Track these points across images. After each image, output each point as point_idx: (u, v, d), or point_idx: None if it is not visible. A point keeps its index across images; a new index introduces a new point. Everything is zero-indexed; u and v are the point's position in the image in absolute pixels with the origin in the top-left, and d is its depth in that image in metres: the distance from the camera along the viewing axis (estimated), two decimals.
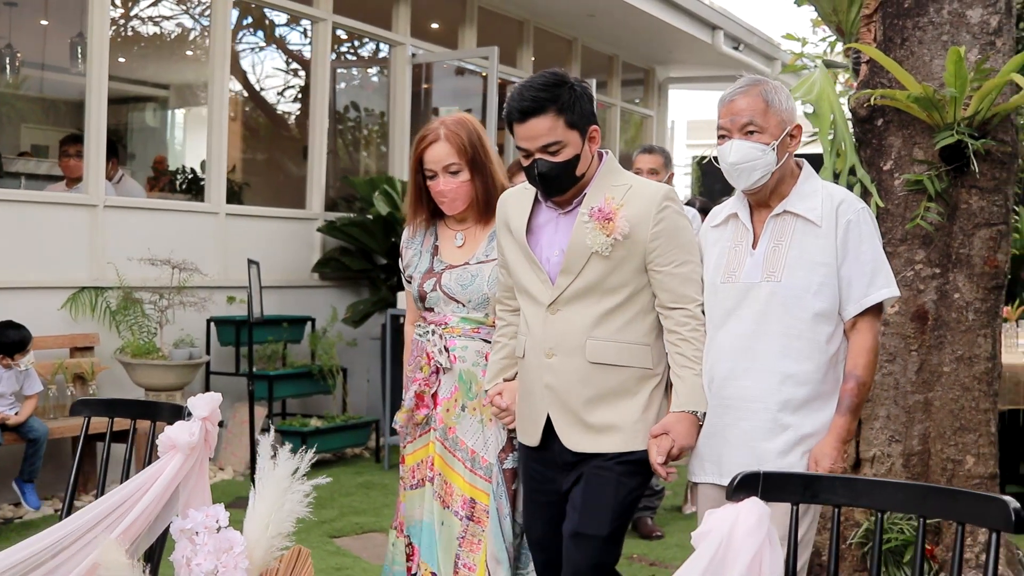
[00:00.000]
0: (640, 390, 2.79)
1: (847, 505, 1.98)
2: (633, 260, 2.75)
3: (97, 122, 6.49)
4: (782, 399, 2.68)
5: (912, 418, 3.95)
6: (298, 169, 10.57)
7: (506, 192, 3.05)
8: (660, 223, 2.74)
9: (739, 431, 2.73)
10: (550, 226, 2.88)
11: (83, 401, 3.03)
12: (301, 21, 9.04)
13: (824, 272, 2.70)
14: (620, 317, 2.77)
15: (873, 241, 2.75)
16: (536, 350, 2.84)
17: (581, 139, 2.78)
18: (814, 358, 2.70)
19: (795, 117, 2.80)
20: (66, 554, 2.52)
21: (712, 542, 1.79)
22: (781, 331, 2.70)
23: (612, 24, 10.51)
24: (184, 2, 10.25)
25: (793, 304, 2.69)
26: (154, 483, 2.67)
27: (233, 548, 2.71)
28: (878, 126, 4.01)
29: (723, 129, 2.79)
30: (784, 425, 2.68)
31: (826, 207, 2.73)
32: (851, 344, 2.74)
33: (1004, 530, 1.68)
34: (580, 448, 2.80)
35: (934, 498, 1.82)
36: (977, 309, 3.91)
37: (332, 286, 8.12)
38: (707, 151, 3.96)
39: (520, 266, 2.88)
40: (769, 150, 2.71)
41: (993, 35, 3.90)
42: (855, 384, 2.70)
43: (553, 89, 2.74)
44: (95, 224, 6.47)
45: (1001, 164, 3.90)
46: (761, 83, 2.79)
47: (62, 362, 5.98)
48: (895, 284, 2.75)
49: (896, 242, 3.96)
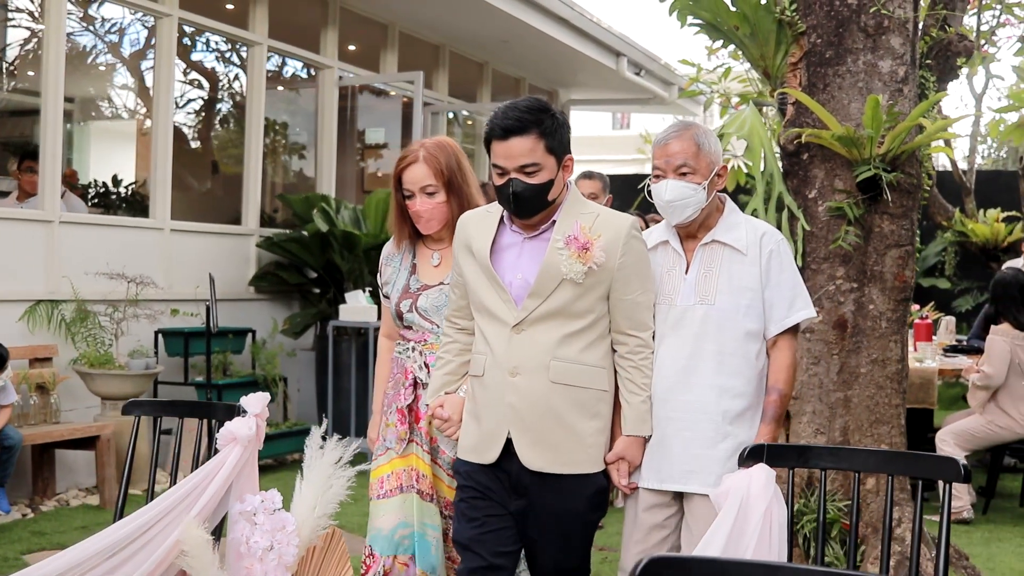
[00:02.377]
0: (598, 412, 2.86)
1: (832, 468, 2.52)
2: (600, 287, 2.83)
3: (53, 140, 6.74)
4: (721, 410, 2.92)
5: (834, 413, 4.56)
6: (201, 184, 10.83)
7: (466, 214, 3.07)
8: (627, 254, 2.84)
9: (682, 440, 2.93)
10: (514, 250, 2.92)
11: (135, 402, 3.39)
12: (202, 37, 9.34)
13: (751, 295, 2.97)
14: (582, 340, 2.83)
15: (792, 268, 3.04)
16: (498, 368, 2.85)
17: (557, 165, 2.85)
18: (745, 372, 2.96)
19: (720, 158, 3.06)
20: (151, 532, 2.89)
21: (735, 498, 2.31)
22: (716, 349, 2.94)
23: (523, 49, 11.06)
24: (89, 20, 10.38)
25: (726, 324, 2.95)
26: (219, 471, 3.06)
27: (286, 527, 3.12)
28: (804, 159, 4.63)
29: (658, 169, 3.02)
30: (724, 434, 2.91)
31: (750, 237, 3.01)
32: (772, 360, 3.00)
33: (956, 481, 2.24)
34: (540, 468, 2.82)
35: (900, 460, 2.38)
36: (889, 318, 4.55)
37: (267, 299, 8.46)
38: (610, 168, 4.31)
39: (482, 287, 2.91)
40: (700, 189, 2.96)
41: (900, 83, 4.55)
42: (777, 396, 2.96)
43: (538, 113, 2.82)
44: (51, 239, 6.71)
45: (908, 193, 4.55)
46: (692, 127, 3.05)
47: (25, 372, 6.20)
48: (812, 307, 3.05)
49: (820, 260, 4.57)
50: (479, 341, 2.94)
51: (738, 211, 3.11)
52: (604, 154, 29.03)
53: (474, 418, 2.93)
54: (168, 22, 7.60)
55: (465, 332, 3.04)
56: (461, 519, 2.95)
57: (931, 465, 2.31)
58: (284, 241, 8.04)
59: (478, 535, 2.89)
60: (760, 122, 4.78)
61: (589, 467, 2.85)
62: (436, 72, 10.84)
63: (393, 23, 9.97)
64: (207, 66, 10.62)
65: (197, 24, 8.06)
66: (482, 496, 2.90)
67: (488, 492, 2.89)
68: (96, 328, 6.68)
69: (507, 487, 2.88)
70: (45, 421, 6.30)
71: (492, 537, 2.89)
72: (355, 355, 7.58)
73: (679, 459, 2.93)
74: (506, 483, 2.88)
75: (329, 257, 7.98)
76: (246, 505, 3.09)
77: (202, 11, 8.00)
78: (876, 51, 4.54)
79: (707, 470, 2.88)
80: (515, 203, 2.82)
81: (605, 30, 11.16)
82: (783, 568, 1.46)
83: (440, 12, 9.58)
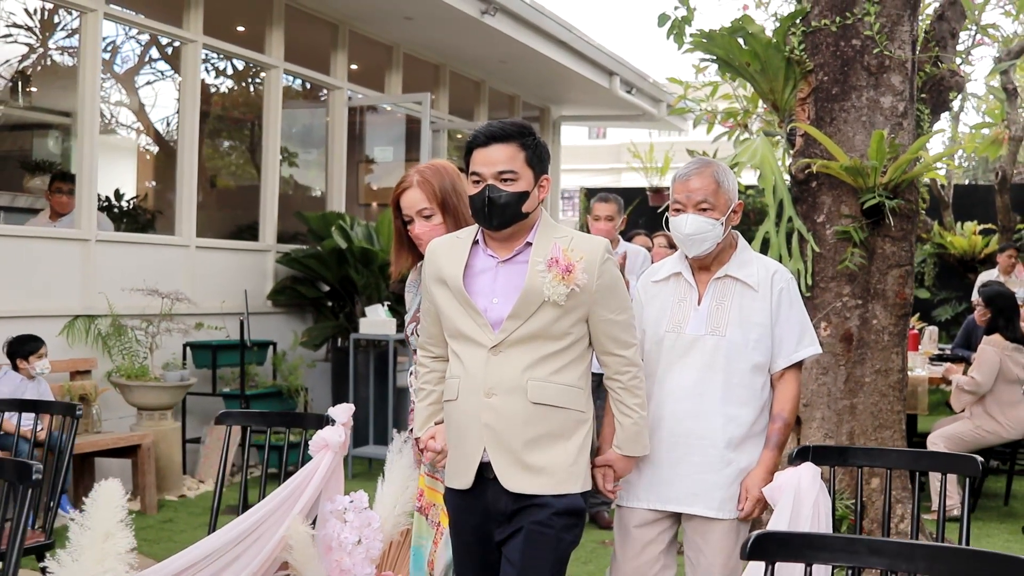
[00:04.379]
0: (575, 433, 2.83)
1: (867, 466, 2.93)
2: (580, 309, 2.81)
3: (89, 162, 7.08)
4: (727, 438, 3.04)
5: (841, 419, 4.99)
6: (204, 198, 11.14)
7: (433, 241, 3.04)
8: (603, 275, 2.81)
9: (689, 464, 3.06)
10: (487, 275, 2.89)
11: (227, 413, 3.76)
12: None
13: (760, 330, 3.08)
14: (559, 360, 2.81)
15: (800, 306, 3.16)
16: (473, 390, 2.82)
17: (534, 181, 2.84)
18: (751, 403, 3.08)
19: (736, 196, 3.17)
20: (261, 529, 3.26)
21: (788, 492, 2.72)
22: (724, 379, 3.06)
23: (519, 68, 11.47)
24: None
25: (735, 356, 3.06)
26: (315, 475, 3.44)
27: (372, 524, 3.50)
28: (812, 187, 5.07)
29: (678, 203, 3.14)
30: (728, 460, 3.04)
31: (762, 275, 3.12)
32: (779, 391, 3.12)
33: (973, 475, 2.66)
34: (517, 488, 2.79)
35: (925, 459, 2.80)
36: (891, 332, 4.99)
37: (283, 312, 8.81)
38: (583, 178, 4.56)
39: (456, 313, 2.87)
40: (718, 224, 3.09)
41: (900, 117, 5.00)
42: (782, 424, 3.08)
43: (521, 128, 2.86)
44: (87, 256, 7.05)
45: (907, 218, 5.00)
46: (712, 165, 3.17)
47: (69, 385, 6.53)
48: (818, 343, 3.19)
49: (828, 279, 5.01)
50: (453, 365, 2.91)
51: (750, 249, 3.26)
52: (580, 164, 29.44)
53: (452, 442, 2.92)
54: (192, 48, 7.95)
55: (440, 360, 3.02)
56: (461, 557, 2.98)
57: (950, 463, 2.73)
58: (303, 257, 8.41)
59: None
60: (771, 151, 5.22)
61: (569, 487, 2.80)
62: (437, 91, 11.24)
63: (398, 45, 10.36)
64: (223, 88, 10.98)
65: (219, 49, 8.42)
66: (474, 541, 2.91)
67: (477, 532, 2.89)
68: (132, 342, 7.01)
69: (489, 520, 2.87)
70: (87, 431, 6.62)
71: (492, 574, 2.91)
72: (374, 366, 7.95)
73: (684, 482, 3.06)
74: (486, 516, 2.86)
75: (345, 272, 8.35)
76: (336, 504, 3.46)
77: (223, 36, 8.36)
78: (878, 88, 4.98)
79: (710, 494, 3.03)
80: (489, 210, 2.79)
81: (600, 51, 11.60)
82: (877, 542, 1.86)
83: (444, 34, 9.98)
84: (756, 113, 9.99)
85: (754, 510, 3.01)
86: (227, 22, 8.84)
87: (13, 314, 6.50)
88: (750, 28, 5.11)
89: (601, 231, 5.76)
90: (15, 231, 6.87)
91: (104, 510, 2.66)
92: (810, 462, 2.81)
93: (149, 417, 6.89)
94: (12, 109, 10.35)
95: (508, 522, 2.82)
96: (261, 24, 8.78)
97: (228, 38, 8.56)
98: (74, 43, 11.06)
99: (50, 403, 4.88)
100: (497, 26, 9.55)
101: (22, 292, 6.62)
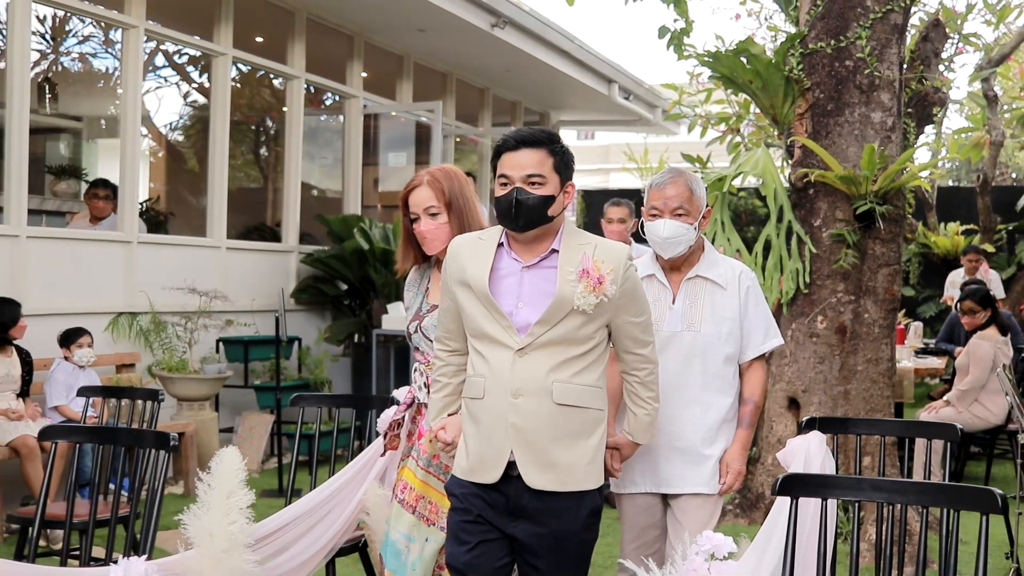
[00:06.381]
0: (594, 431, 2.92)
1: (865, 434, 3.45)
2: (604, 316, 2.89)
3: (131, 168, 7.57)
4: (707, 424, 3.34)
5: (836, 403, 5.52)
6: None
7: (456, 239, 3.07)
8: (627, 281, 2.90)
9: (673, 449, 3.34)
10: (512, 279, 2.93)
11: (301, 396, 4.25)
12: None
13: (730, 324, 3.36)
14: (581, 362, 2.88)
15: (764, 303, 3.45)
16: (499, 391, 2.87)
17: (560, 187, 2.91)
18: (727, 391, 3.38)
19: (706, 203, 3.41)
20: (341, 495, 3.75)
21: (800, 456, 3.24)
22: (702, 370, 3.34)
23: (522, 76, 11.97)
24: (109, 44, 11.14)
25: (710, 349, 3.34)
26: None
27: None
28: (810, 194, 5.60)
29: (655, 209, 3.34)
30: (710, 441, 3.34)
31: (729, 274, 3.39)
32: (748, 378, 3.41)
33: (954, 439, 3.17)
34: (540, 486, 2.86)
35: (914, 427, 3.33)
36: (880, 325, 5.53)
37: (304, 310, 9.31)
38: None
39: (480, 315, 2.91)
40: (692, 228, 3.33)
41: (889, 131, 5.55)
42: (753, 406, 3.40)
43: (550, 135, 2.95)
44: (130, 257, 7.53)
45: (895, 222, 5.55)
46: (684, 174, 3.39)
47: (117, 378, 7.02)
48: (780, 335, 3.49)
49: (824, 277, 5.55)
50: (477, 364, 2.95)
51: (715, 251, 3.49)
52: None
53: (474, 440, 2.94)
54: (223, 60, 8.45)
55: (457, 354, 3.07)
56: (454, 541, 2.97)
57: (934, 429, 3.28)
58: (326, 257, 8.91)
59: (472, 559, 2.93)
60: (771, 162, 5.75)
61: (588, 483, 2.90)
62: (445, 98, 11.73)
63: (409, 54, 10.86)
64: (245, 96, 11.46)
65: (247, 61, 8.91)
66: (476, 521, 2.92)
67: (482, 516, 2.92)
68: (172, 337, 7.50)
69: (503, 510, 2.91)
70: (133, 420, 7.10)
71: (486, 561, 2.93)
72: (394, 361, 8.47)
73: (673, 466, 3.34)
74: (503, 506, 2.91)
75: (365, 272, 8.86)
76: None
77: (251, 49, 8.85)
78: (869, 105, 5.52)
79: (696, 474, 3.33)
80: (516, 211, 2.85)
81: (600, 60, 12.12)
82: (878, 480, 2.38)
83: (453, 45, 10.48)
84: (747, 118, 10.55)
85: (735, 482, 3.33)
86: (252, 34, 9.34)
87: (63, 311, 6.97)
88: (753, 49, 5.64)
89: (614, 234, 6.25)
90: (62, 233, 7.36)
91: (226, 472, 3.15)
92: (817, 430, 3.33)
93: (189, 408, 7.38)
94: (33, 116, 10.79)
95: (527, 519, 2.89)
96: (283, 37, 9.27)
97: (253, 50, 9.05)
98: (86, 49, 11.59)
99: (134, 389, 5.36)
100: (505, 37, 10.06)
101: (71, 291, 7.10)
